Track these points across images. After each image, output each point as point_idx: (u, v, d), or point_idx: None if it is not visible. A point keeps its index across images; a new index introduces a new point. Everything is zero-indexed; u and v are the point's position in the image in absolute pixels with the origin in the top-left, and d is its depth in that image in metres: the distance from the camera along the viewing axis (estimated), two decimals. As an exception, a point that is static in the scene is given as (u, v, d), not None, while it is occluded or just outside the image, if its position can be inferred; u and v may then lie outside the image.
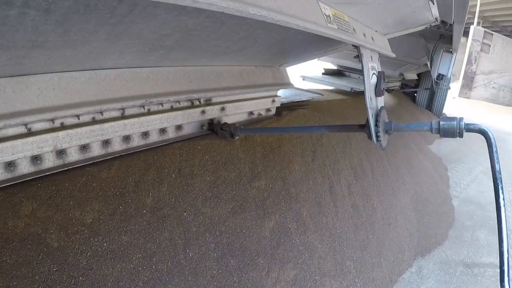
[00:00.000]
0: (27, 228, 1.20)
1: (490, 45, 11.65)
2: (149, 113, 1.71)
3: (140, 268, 1.36)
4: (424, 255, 2.68)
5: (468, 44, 11.61)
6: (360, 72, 1.61)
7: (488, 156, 1.35)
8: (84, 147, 1.49)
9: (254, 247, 1.75)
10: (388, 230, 2.54)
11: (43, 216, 1.25)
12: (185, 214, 1.60)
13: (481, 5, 11.11)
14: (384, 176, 3.05)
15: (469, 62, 11.91)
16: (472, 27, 11.43)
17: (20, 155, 1.27)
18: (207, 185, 1.76)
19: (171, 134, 1.90)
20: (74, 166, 1.45)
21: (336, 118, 3.26)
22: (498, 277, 2.50)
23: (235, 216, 1.77)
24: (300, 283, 1.80)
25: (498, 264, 2.67)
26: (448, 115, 7.10)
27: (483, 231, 3.18)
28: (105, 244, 1.32)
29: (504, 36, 11.97)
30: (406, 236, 2.68)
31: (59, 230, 1.25)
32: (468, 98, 12.11)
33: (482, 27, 12.08)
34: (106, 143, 1.58)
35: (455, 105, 10.46)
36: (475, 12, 11.37)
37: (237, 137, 2.07)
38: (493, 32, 11.74)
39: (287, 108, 2.89)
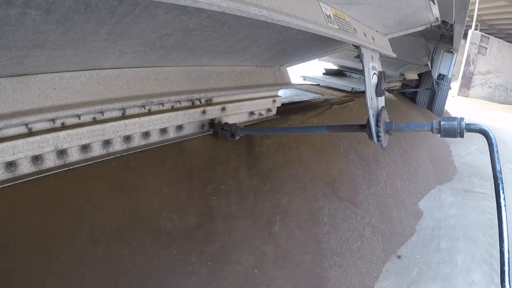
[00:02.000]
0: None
1: (486, 48, 12.23)
2: (150, 113, 1.71)
3: (289, 180, 2.52)
4: (440, 184, 4.51)
5: (467, 47, 12.11)
6: (361, 72, 1.61)
7: (488, 152, 1.35)
8: (84, 147, 1.49)
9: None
10: (419, 168, 4.44)
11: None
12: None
13: (479, 9, 11.38)
14: (410, 143, 4.74)
15: (467, 63, 12.35)
16: (470, 31, 11.91)
17: (21, 155, 1.27)
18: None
19: (171, 134, 1.90)
20: (75, 166, 1.46)
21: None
22: (486, 197, 3.93)
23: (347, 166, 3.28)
24: (390, 180, 3.65)
25: (488, 193, 4.08)
26: (449, 113, 7.19)
27: (476, 178, 4.84)
28: (280, 171, 2.47)
29: (500, 39, 12.49)
30: (429, 174, 4.53)
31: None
32: (467, 96, 12.52)
33: (480, 30, 12.43)
34: (106, 143, 1.58)
35: (454, 103, 10.72)
36: (473, 16, 11.61)
37: (237, 137, 2.07)
38: (489, 36, 12.19)
39: (352, 98, 4.35)
